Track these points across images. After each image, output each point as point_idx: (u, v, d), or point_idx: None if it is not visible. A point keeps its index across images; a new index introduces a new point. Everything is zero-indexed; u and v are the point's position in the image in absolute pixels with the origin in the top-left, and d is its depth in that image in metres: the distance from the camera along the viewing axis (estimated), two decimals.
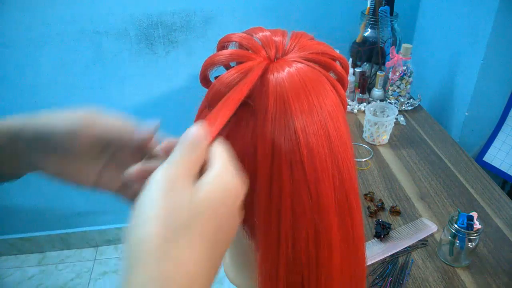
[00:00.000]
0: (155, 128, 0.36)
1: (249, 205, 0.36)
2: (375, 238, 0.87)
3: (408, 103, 1.35)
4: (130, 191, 0.38)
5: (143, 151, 0.38)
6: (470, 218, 0.78)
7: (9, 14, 1.30)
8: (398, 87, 1.31)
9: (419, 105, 1.36)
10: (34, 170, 0.37)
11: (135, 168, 0.32)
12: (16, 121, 0.35)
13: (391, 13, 1.29)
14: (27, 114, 0.37)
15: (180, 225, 0.24)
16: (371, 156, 1.13)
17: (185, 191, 0.25)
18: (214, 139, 0.30)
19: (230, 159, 0.29)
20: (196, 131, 0.28)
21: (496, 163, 1.19)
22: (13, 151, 0.36)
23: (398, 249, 0.85)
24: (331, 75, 0.38)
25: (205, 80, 0.39)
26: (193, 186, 0.26)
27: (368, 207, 0.95)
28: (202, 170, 0.28)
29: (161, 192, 0.25)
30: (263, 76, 0.35)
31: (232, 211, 0.28)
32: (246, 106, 0.35)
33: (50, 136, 0.34)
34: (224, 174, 0.27)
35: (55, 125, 0.34)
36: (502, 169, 1.17)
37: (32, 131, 0.35)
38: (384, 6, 1.26)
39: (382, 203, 0.95)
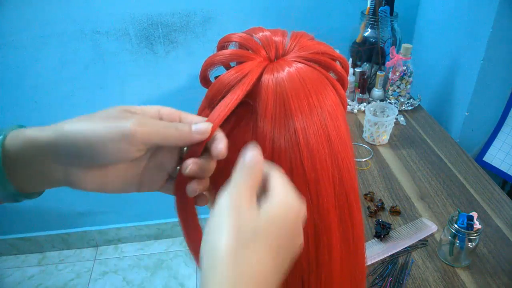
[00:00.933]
0: (208, 129, 0.33)
1: None
2: (375, 238, 0.87)
3: (408, 103, 1.35)
4: (172, 186, 0.37)
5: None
6: (470, 218, 0.78)
7: (9, 14, 1.30)
8: (398, 87, 1.31)
9: (419, 105, 1.36)
10: (67, 186, 0.34)
11: (190, 163, 0.33)
12: (42, 133, 0.31)
13: (391, 13, 1.29)
14: (52, 123, 0.32)
15: (247, 239, 0.27)
16: (371, 156, 1.13)
17: (249, 212, 0.28)
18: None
19: (288, 184, 0.31)
20: (254, 156, 0.31)
21: (496, 163, 1.19)
22: (40, 168, 0.32)
23: (398, 249, 0.85)
24: (331, 75, 0.38)
25: (205, 80, 0.39)
26: (256, 208, 0.29)
27: (368, 207, 0.95)
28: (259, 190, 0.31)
29: (229, 213, 0.28)
30: (263, 76, 0.35)
31: (292, 230, 0.30)
32: (246, 106, 0.35)
33: (89, 151, 0.30)
34: (285, 201, 0.30)
35: (94, 136, 0.30)
36: (502, 169, 1.17)
37: (66, 146, 0.30)
38: (384, 6, 1.26)
39: (382, 203, 0.95)
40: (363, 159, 1.12)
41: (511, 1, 1.02)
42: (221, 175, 0.34)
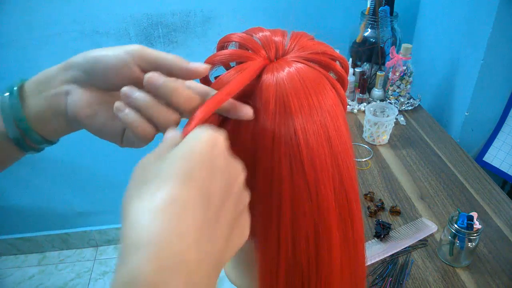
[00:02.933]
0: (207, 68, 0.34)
1: (249, 205, 0.36)
2: (375, 238, 0.87)
3: (408, 103, 1.35)
4: None
5: None
6: (470, 218, 0.78)
7: (10, 14, 1.30)
8: (398, 87, 1.31)
9: (419, 105, 1.36)
10: (75, 123, 0.35)
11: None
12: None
13: (391, 13, 1.29)
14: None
15: (147, 181, 0.24)
16: (371, 156, 1.13)
17: (152, 161, 0.26)
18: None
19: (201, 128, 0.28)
20: (170, 135, 0.29)
21: (496, 163, 1.19)
22: (49, 94, 0.35)
23: (398, 249, 0.85)
24: (331, 75, 0.38)
25: (205, 80, 0.39)
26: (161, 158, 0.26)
27: (368, 207, 0.95)
28: None
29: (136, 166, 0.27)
30: (263, 75, 0.35)
31: (211, 160, 0.25)
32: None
33: (102, 69, 0.33)
34: (190, 136, 0.26)
35: (104, 55, 0.33)
36: (502, 169, 1.17)
37: (77, 63, 0.34)
38: (384, 6, 1.26)
39: (382, 203, 0.95)
40: (363, 159, 1.12)
41: (511, 1, 1.02)
42: None
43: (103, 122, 0.35)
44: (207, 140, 0.26)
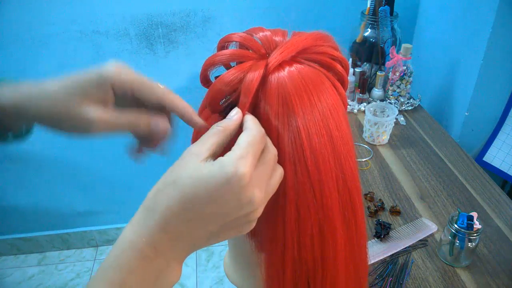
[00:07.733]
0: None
1: None
2: (375, 238, 0.87)
3: (408, 103, 1.35)
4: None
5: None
6: (470, 218, 0.78)
7: (10, 14, 1.30)
8: (398, 87, 1.31)
9: (419, 105, 1.36)
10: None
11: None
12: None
13: (391, 13, 1.28)
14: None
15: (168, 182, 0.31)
16: (371, 156, 1.13)
17: (190, 163, 0.30)
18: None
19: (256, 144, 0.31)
20: (233, 120, 0.33)
21: (496, 163, 1.19)
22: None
23: (398, 249, 0.85)
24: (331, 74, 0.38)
25: (205, 80, 0.39)
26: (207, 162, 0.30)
27: (368, 207, 0.95)
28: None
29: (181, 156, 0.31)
30: (265, 76, 0.35)
31: (214, 194, 0.29)
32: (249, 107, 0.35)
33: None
34: (217, 169, 0.29)
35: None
36: (502, 169, 1.17)
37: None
38: (384, 6, 1.26)
39: (382, 203, 0.95)
40: (363, 159, 1.12)
41: (511, 1, 1.02)
42: None
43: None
44: (222, 179, 0.29)
